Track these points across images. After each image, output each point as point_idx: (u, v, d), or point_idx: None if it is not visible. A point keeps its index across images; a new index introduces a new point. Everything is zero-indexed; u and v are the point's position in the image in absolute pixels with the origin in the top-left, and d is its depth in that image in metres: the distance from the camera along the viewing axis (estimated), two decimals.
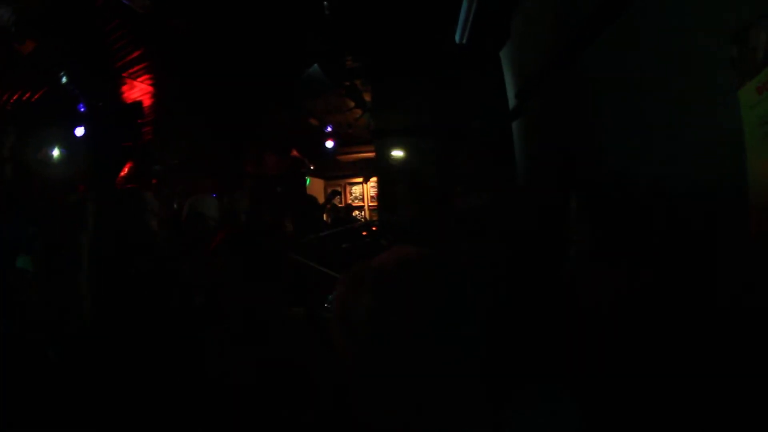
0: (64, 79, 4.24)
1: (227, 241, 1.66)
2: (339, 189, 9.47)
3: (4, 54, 3.80)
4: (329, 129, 8.26)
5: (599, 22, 1.71)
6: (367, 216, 9.32)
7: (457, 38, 4.65)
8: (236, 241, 1.65)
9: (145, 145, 6.05)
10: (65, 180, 4.52)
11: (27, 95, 4.39)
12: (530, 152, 3.37)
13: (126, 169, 5.86)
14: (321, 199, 7.87)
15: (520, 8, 3.25)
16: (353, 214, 9.29)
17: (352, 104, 7.42)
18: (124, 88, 5.17)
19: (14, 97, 4.32)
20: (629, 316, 1.17)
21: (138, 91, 5.38)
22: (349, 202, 9.57)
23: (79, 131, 4.74)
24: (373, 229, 6.19)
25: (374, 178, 8.28)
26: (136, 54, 4.81)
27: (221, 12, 4.64)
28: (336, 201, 9.10)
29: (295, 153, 8.61)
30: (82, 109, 4.72)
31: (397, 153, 6.06)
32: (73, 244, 1.42)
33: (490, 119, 4.66)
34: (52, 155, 4.61)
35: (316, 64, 5.73)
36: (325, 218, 6.59)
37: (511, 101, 3.89)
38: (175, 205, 4.39)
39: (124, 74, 4.95)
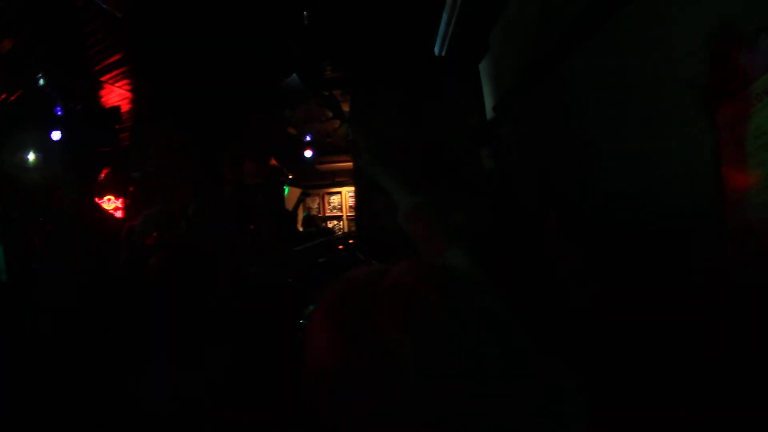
0: (41, 81, 4.21)
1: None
2: (317, 198, 9.50)
3: None
4: (308, 138, 8.30)
5: (577, 34, 1.78)
6: (345, 227, 9.34)
7: (436, 50, 4.76)
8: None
9: (122, 150, 6.00)
10: (42, 184, 4.46)
11: (2, 97, 4.34)
12: (508, 165, 3.44)
13: (103, 175, 5.80)
14: (299, 211, 7.86)
15: (499, 21, 3.35)
16: (330, 225, 9.32)
17: (331, 114, 7.48)
18: (102, 92, 5.14)
19: None
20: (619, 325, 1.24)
21: (116, 95, 5.35)
22: (327, 212, 9.59)
23: (56, 135, 4.69)
24: (350, 242, 6.19)
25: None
26: (114, 58, 4.80)
27: (201, 19, 4.67)
28: (308, 204, 9.10)
29: (273, 161, 8.61)
30: (59, 113, 4.67)
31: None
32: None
33: (468, 131, 4.76)
34: (28, 159, 4.54)
35: (294, 74, 5.79)
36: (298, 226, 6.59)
37: (489, 113, 3.98)
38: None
39: (102, 78, 4.93)
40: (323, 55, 6.15)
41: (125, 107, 5.64)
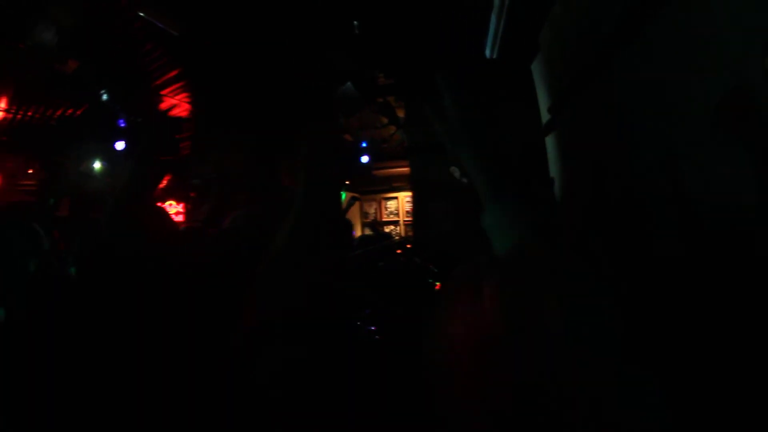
0: (104, 97, 4.51)
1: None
2: (374, 203, 9.54)
3: (47, 73, 4.09)
4: (364, 144, 8.34)
5: (630, 28, 1.62)
6: (402, 232, 9.29)
7: (487, 53, 4.62)
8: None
9: (183, 158, 6.30)
10: (106, 191, 4.76)
11: (69, 111, 4.68)
12: (564, 167, 3.27)
13: (165, 182, 6.11)
14: (357, 216, 7.93)
15: (549, 20, 3.19)
16: (386, 229, 9.31)
17: (386, 120, 7.48)
18: (163, 105, 5.42)
19: (57, 113, 4.62)
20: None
21: (176, 108, 5.63)
22: (384, 217, 9.60)
23: (120, 145, 5.02)
24: (408, 246, 6.14)
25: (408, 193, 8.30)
26: (172, 74, 5.04)
27: (253, 33, 4.81)
28: (364, 209, 9.16)
29: None
30: (122, 125, 4.98)
31: (432, 169, 6.04)
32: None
33: (523, 134, 4.58)
34: (94, 167, 4.88)
35: (349, 82, 5.84)
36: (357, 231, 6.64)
37: (544, 116, 3.80)
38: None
39: (162, 92, 5.19)
40: (375, 63, 6.17)
41: (185, 118, 5.91)
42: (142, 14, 3.92)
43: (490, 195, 0.82)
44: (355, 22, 5.26)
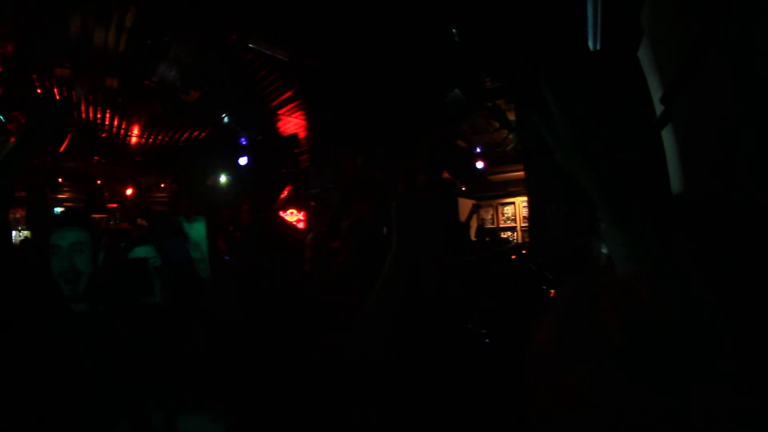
0: (225, 119, 5.21)
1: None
2: (491, 209, 9.41)
3: (172, 102, 4.88)
4: (478, 150, 8.31)
5: None
6: (519, 238, 9.01)
7: (590, 45, 4.41)
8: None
9: (302, 171, 6.93)
10: (231, 202, 5.49)
11: (195, 133, 5.47)
12: (684, 168, 2.87)
13: (286, 192, 6.79)
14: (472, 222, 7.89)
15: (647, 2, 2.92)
16: (504, 235, 9.10)
17: (497, 124, 7.38)
18: (280, 123, 6.06)
19: (184, 136, 5.45)
20: None
21: (293, 125, 6.24)
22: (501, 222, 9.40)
23: (243, 160, 5.73)
24: (523, 252, 6.01)
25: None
26: (287, 95, 5.62)
27: (357, 51, 5.13)
28: (481, 215, 9.04)
29: (446, 175, 8.84)
30: (244, 142, 5.68)
31: (548, 172, 5.84)
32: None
33: (637, 128, 4.25)
34: (220, 181, 5.67)
35: (456, 89, 5.92)
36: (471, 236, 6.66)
37: (657, 106, 3.49)
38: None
39: (279, 112, 5.81)
40: (479, 68, 6.15)
41: (302, 134, 6.51)
42: (252, 45, 4.48)
43: (610, 217, 0.81)
44: (454, 30, 5.34)
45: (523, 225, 8.97)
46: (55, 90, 5.12)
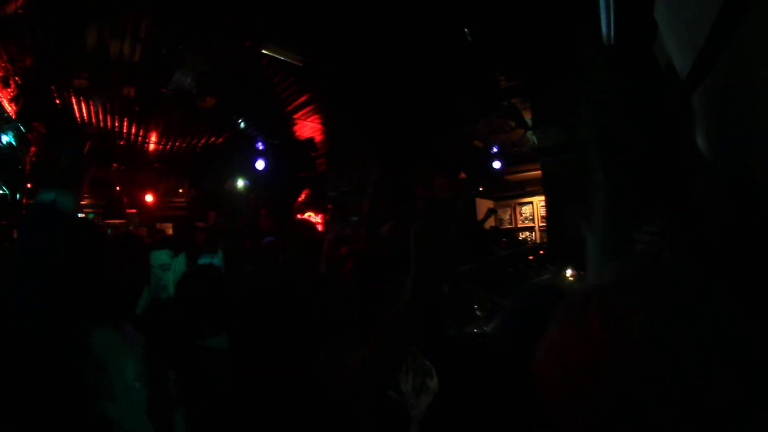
0: (242, 125, 5.24)
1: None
2: (509, 209, 9.32)
3: (189, 109, 4.92)
4: (495, 149, 8.23)
5: None
6: (538, 238, 8.90)
7: (604, 39, 4.33)
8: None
9: (320, 174, 6.93)
10: (249, 206, 5.50)
11: (212, 139, 5.50)
12: (703, 158, 2.77)
13: (303, 196, 6.80)
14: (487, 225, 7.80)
15: None
16: (522, 236, 9.00)
17: (513, 124, 7.30)
18: (296, 127, 6.07)
19: (201, 141, 5.48)
20: None
21: (309, 129, 6.25)
22: (519, 222, 9.30)
23: (260, 164, 5.75)
24: (541, 252, 5.93)
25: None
26: (302, 99, 5.63)
27: (372, 54, 5.11)
28: (499, 216, 8.96)
29: (463, 175, 8.78)
30: (261, 147, 5.70)
31: (565, 170, 5.74)
32: None
33: (653, 124, 4.16)
34: (237, 185, 5.69)
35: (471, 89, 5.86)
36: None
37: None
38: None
39: (295, 116, 5.83)
40: (494, 67, 6.09)
41: (318, 138, 6.51)
42: (265, 52, 4.49)
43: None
44: (467, 30, 5.27)
45: (541, 225, 8.85)
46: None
